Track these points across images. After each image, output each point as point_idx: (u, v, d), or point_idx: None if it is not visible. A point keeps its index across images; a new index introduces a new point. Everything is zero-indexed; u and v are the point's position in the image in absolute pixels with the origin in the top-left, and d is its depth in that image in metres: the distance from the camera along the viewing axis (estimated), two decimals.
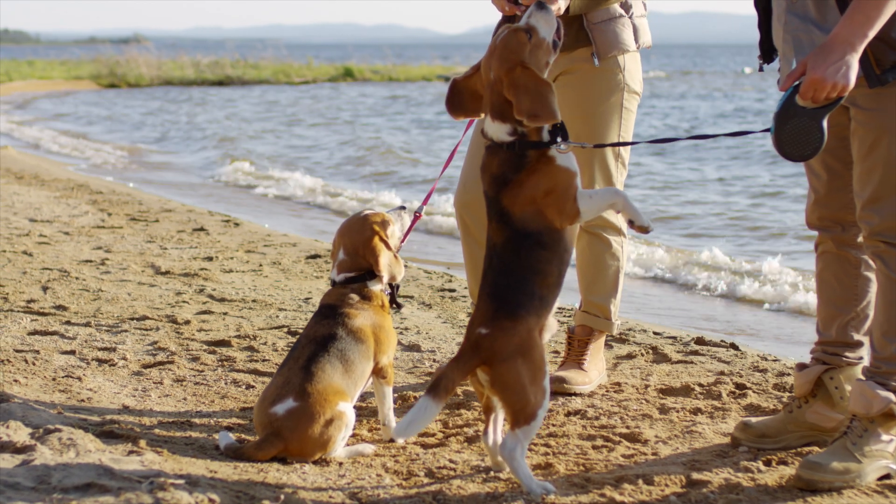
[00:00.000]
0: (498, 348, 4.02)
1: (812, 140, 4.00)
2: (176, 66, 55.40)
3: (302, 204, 15.10)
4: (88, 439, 4.23)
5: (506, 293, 4.06)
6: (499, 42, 4.13)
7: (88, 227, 10.52)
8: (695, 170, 18.46)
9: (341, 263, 4.76)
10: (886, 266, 4.18)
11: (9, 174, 15.05)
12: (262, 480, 4.12)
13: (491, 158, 4.16)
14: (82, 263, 8.59)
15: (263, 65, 58.99)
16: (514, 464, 4.05)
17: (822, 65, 3.89)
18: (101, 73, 53.94)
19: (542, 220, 4.07)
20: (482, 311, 4.10)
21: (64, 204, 12.16)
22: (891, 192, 4.13)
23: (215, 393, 5.37)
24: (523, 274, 4.05)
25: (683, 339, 6.63)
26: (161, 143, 25.35)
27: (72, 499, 3.59)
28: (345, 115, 32.30)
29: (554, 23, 4.19)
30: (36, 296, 7.30)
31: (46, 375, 5.42)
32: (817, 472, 4.13)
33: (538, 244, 4.06)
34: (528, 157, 4.08)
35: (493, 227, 4.13)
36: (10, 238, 9.63)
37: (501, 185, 4.09)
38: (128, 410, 4.98)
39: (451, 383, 4.00)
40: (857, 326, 4.52)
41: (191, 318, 6.85)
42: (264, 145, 23.61)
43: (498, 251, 4.11)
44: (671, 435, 4.79)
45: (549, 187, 4.07)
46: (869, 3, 3.86)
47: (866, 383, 4.24)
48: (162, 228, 10.62)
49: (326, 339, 4.53)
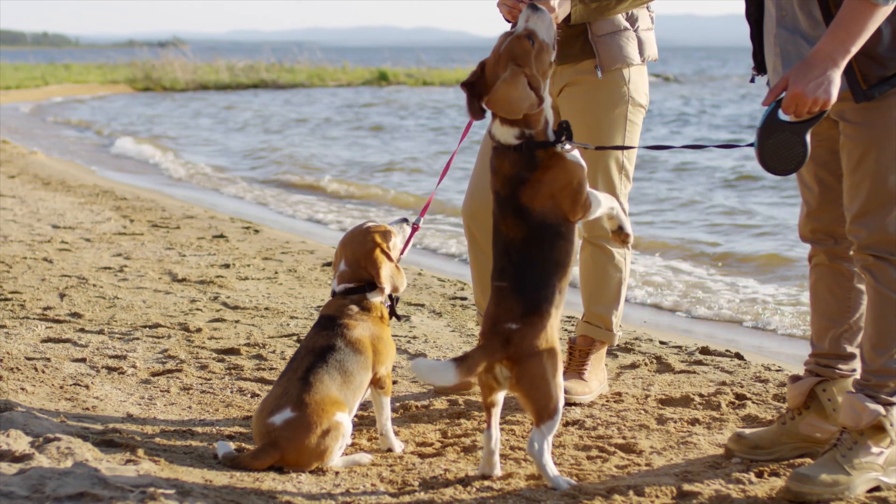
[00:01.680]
0: (527, 345, 4.17)
1: (795, 154, 4.05)
2: (211, 69, 55.58)
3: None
4: (87, 448, 4.30)
5: (531, 288, 4.23)
6: (503, 50, 4.26)
7: (110, 234, 10.63)
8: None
9: (342, 274, 4.82)
10: (875, 279, 4.21)
11: (36, 180, 15.20)
12: (257, 489, 4.18)
13: (501, 160, 4.31)
14: (101, 270, 8.69)
15: (298, 68, 59.15)
16: (542, 460, 4.24)
17: (803, 80, 3.94)
18: (137, 76, 54.18)
19: (560, 213, 4.26)
20: (508, 307, 4.24)
21: (88, 210, 12.29)
22: (878, 206, 4.16)
23: (220, 401, 5.43)
24: (547, 267, 4.23)
25: (689, 348, 6.65)
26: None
27: None
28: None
29: (549, 20, 4.33)
30: (53, 303, 7.40)
31: (54, 383, 5.50)
32: (806, 485, 4.16)
33: (558, 235, 4.25)
34: (538, 157, 4.24)
35: (508, 225, 4.28)
36: (31, 245, 9.75)
37: (518, 184, 4.25)
38: (131, 419, 5.05)
39: (476, 365, 4.16)
40: (850, 339, 4.54)
41: (203, 325, 6.93)
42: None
43: (518, 246, 4.26)
44: (666, 446, 4.82)
45: (566, 181, 4.27)
46: (851, 19, 3.90)
47: (856, 396, 4.27)
48: (182, 235, 10.72)
49: (325, 350, 4.59)
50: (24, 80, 51.57)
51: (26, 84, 49.89)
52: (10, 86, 47.90)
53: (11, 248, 9.52)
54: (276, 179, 18.49)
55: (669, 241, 11.86)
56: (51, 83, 52.41)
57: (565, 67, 5.34)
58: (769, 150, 4.06)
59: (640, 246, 11.38)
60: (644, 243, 11.56)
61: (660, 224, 13.32)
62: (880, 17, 3.92)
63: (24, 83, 50.19)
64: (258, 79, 54.57)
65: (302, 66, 59.84)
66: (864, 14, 3.90)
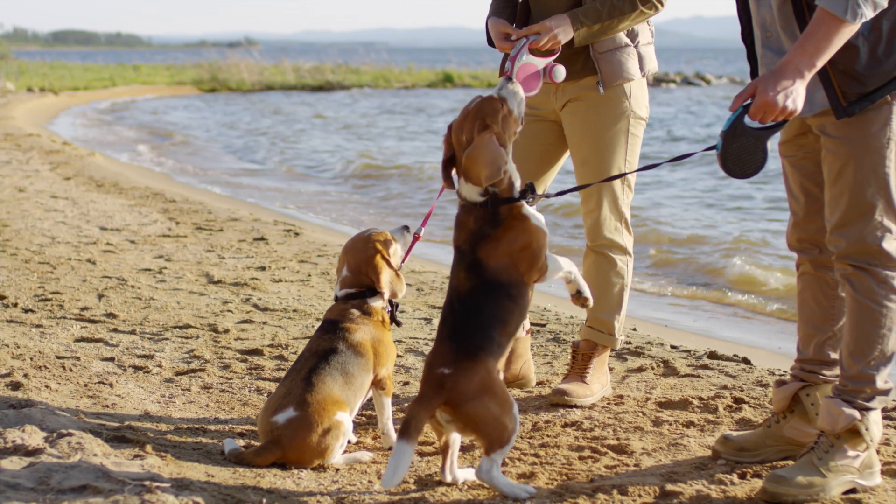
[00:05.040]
0: (462, 389, 4.23)
1: (755, 160, 4.21)
2: (277, 71, 56.08)
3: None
4: (97, 444, 4.51)
5: (467, 336, 4.29)
6: (472, 109, 4.39)
7: (154, 236, 10.93)
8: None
9: (344, 280, 5.01)
10: (853, 288, 4.34)
11: (90, 182, 15.56)
12: (256, 485, 4.38)
13: (467, 216, 4.42)
14: (141, 272, 8.97)
15: (364, 70, 59.50)
16: (493, 482, 4.30)
17: (772, 89, 4.09)
18: (203, 78, 54.78)
19: (514, 273, 4.35)
20: (442, 352, 4.32)
21: (136, 212, 12.60)
22: (857, 217, 4.29)
23: (237, 400, 5.64)
24: (487, 320, 4.30)
25: (697, 352, 6.78)
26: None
27: (65, 499, 3.88)
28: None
29: (521, 98, 4.47)
30: (90, 304, 7.67)
31: (79, 381, 5.73)
32: (782, 486, 4.30)
33: (506, 295, 4.34)
34: (502, 214, 4.36)
35: (459, 278, 4.38)
36: (77, 246, 10.06)
37: (479, 239, 4.35)
38: (148, 416, 5.27)
39: (420, 423, 4.21)
40: (834, 345, 4.66)
41: (231, 326, 7.16)
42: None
43: (462, 298, 4.35)
44: (657, 447, 4.97)
45: (526, 243, 4.36)
46: (818, 34, 4.05)
47: (833, 401, 4.40)
48: (224, 238, 10.98)
49: (328, 353, 4.79)
50: (93, 81, 52.36)
51: (94, 85, 50.64)
52: (79, 87, 48.67)
53: (58, 250, 9.83)
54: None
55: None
56: (118, 84, 53.12)
57: (568, 84, 5.51)
58: (732, 154, 4.22)
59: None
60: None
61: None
62: (846, 33, 4.06)
63: (93, 84, 50.95)
64: (323, 80, 54.94)
65: (367, 68, 60.17)
66: (831, 30, 4.05)
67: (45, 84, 46.60)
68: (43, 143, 21.45)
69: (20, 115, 30.76)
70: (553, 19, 5.30)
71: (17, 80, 46.59)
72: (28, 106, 36.01)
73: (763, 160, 4.23)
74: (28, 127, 26.18)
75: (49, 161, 18.13)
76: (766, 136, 4.21)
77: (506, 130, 4.38)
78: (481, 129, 4.31)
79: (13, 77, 47.65)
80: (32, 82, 46.99)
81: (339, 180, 19.15)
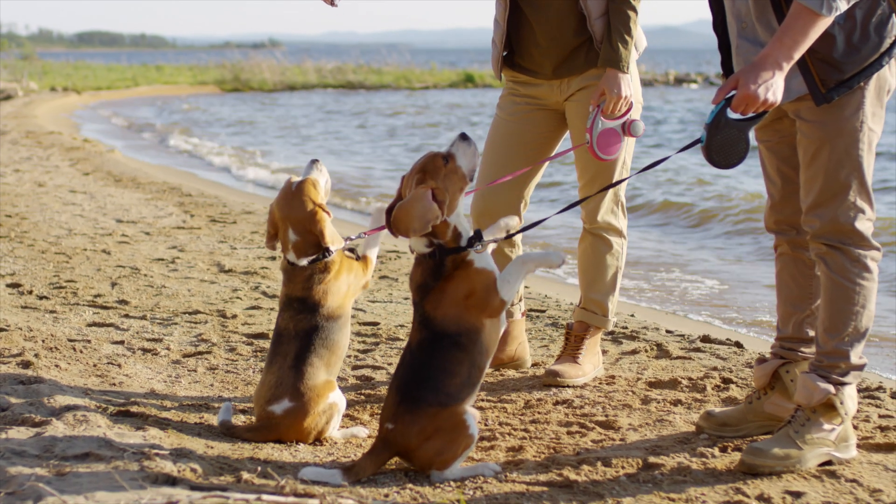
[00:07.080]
0: (405, 442, 4.36)
1: (738, 150, 4.37)
2: (299, 71, 56.31)
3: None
4: (101, 418, 4.70)
5: (410, 388, 4.38)
6: (418, 163, 4.50)
7: (168, 228, 11.13)
8: None
9: (296, 245, 4.87)
10: (828, 267, 4.50)
11: (109, 177, 15.79)
12: (254, 455, 4.56)
13: (416, 268, 4.52)
14: (154, 262, 9.17)
15: (386, 70, 59.65)
16: (452, 480, 4.39)
17: (753, 82, 4.24)
18: (226, 78, 55.05)
19: (464, 321, 4.40)
20: (388, 406, 4.44)
21: (152, 206, 12.80)
22: (830, 199, 4.45)
23: (241, 380, 5.81)
24: (432, 372, 4.38)
25: (690, 336, 6.93)
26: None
27: (67, 465, 4.05)
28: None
29: (474, 156, 4.53)
30: (104, 291, 7.87)
31: (89, 362, 5.92)
32: (759, 458, 4.45)
33: (455, 345, 4.39)
34: (447, 265, 4.44)
35: (413, 328, 4.49)
36: (93, 237, 10.27)
37: (425, 292, 4.45)
38: (154, 394, 5.45)
39: (362, 472, 4.33)
40: (812, 323, 4.81)
41: (239, 312, 7.34)
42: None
43: (413, 349, 4.45)
44: (643, 423, 5.12)
45: (469, 290, 4.43)
46: (795, 27, 4.20)
47: (809, 376, 4.55)
48: (237, 230, 11.16)
49: (310, 332, 4.82)
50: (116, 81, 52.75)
51: (117, 85, 51.00)
52: (102, 86, 49.05)
53: (74, 241, 10.04)
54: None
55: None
56: (141, 84, 53.44)
57: (572, 78, 5.67)
58: (716, 145, 4.37)
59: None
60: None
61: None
62: (822, 26, 4.22)
63: (116, 84, 51.33)
64: (345, 80, 55.11)
65: (389, 69, 60.32)
66: (808, 23, 4.20)
67: (68, 84, 46.99)
68: (63, 140, 21.73)
69: (42, 114, 31.09)
70: (605, 80, 5.45)
71: (41, 81, 47.01)
72: (51, 105, 36.34)
73: (745, 150, 4.38)
74: (49, 125, 26.47)
75: (69, 157, 18.39)
76: (747, 127, 4.36)
77: (448, 186, 4.42)
78: (418, 183, 4.40)
79: (37, 77, 48.09)
80: (56, 82, 47.42)
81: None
